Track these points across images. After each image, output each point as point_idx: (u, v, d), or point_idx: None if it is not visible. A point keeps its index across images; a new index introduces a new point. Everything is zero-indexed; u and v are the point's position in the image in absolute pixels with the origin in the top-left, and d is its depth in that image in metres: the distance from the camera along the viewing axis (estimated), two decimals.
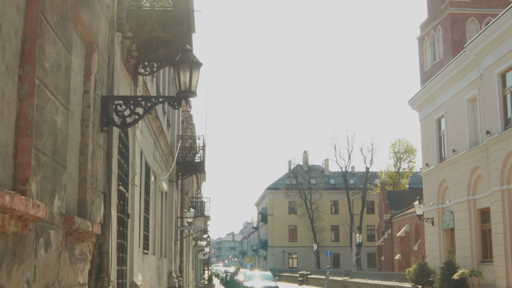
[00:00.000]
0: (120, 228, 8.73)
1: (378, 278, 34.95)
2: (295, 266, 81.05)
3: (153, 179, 15.45)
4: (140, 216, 12.10)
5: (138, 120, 7.18)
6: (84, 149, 6.31)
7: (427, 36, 47.33)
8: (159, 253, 16.86)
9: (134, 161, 10.03)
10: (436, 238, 24.84)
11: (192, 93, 6.91)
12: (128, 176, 9.61)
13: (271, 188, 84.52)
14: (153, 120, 14.09)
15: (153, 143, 14.82)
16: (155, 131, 14.84)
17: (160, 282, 16.70)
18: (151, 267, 14.37)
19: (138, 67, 10.20)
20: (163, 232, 17.95)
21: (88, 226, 5.75)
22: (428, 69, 46.04)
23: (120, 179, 8.82)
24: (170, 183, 19.53)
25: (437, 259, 24.50)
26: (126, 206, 9.39)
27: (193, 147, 21.40)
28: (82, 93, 6.37)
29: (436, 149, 24.97)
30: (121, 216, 8.83)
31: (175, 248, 20.98)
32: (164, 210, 18.43)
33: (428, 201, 25.69)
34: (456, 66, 22.41)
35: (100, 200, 6.90)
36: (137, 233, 10.26)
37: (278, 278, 41.79)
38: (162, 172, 16.94)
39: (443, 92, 24.11)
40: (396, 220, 54.03)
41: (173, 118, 20.28)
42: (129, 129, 9.75)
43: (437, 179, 24.75)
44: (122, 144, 9.12)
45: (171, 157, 18.86)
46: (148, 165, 13.73)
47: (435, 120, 25.21)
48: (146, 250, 13.38)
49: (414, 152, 75.05)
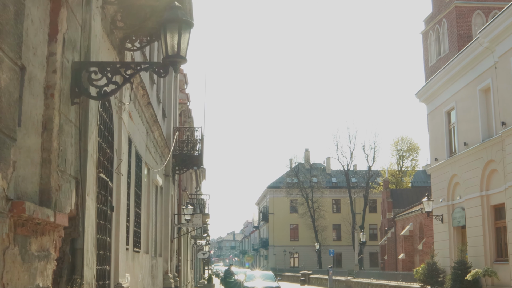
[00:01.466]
0: (101, 222, 7.59)
1: (383, 278, 33.79)
2: (296, 265, 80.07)
3: (146, 172, 14.31)
4: (129, 210, 10.95)
5: (116, 91, 6.03)
6: (48, 123, 5.16)
7: (432, 30, 46.23)
8: (153, 251, 15.71)
9: (120, 147, 8.89)
10: (445, 236, 23.69)
11: (181, 58, 5.77)
12: (113, 164, 8.48)
13: (272, 187, 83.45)
14: (145, 107, 12.94)
15: (145, 132, 13.67)
16: (148, 120, 13.70)
17: (155, 283, 15.56)
18: (144, 266, 13.23)
19: (125, 42, 9.05)
20: (158, 230, 16.80)
21: (48, 215, 4.59)
22: (433, 64, 44.96)
23: (102, 166, 7.68)
24: (166, 177, 18.39)
25: (447, 258, 23.37)
26: (110, 197, 8.26)
27: (191, 140, 20.25)
28: (46, 55, 5.23)
29: (446, 143, 23.80)
30: (102, 208, 7.70)
31: (171, 246, 19.83)
32: (159, 206, 17.29)
33: (437, 198, 24.52)
34: (468, 54, 21.26)
35: (71, 187, 5.76)
36: (124, 229, 9.12)
37: (280, 278, 40.61)
38: (156, 165, 15.80)
39: (454, 83, 22.95)
40: (399, 219, 53.06)
41: (169, 108, 19.13)
42: (113, 111, 8.62)
43: (446, 175, 23.59)
44: (105, 127, 7.99)
45: (167, 149, 17.72)
46: (139, 156, 12.59)
47: (445, 112, 24.05)
48: (137, 248, 12.24)
49: (417, 150, 74.12)
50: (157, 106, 15.91)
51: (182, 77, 26.55)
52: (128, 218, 10.87)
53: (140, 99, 12.19)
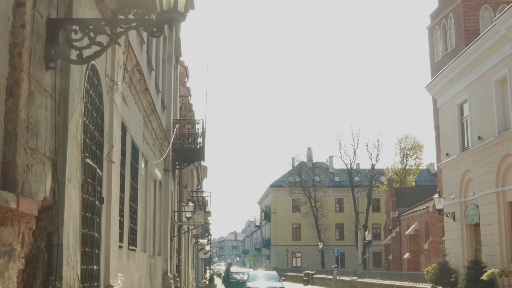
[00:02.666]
0: (87, 214, 6.59)
1: (390, 278, 32.74)
2: (299, 265, 79.12)
3: (144, 165, 13.32)
4: (123, 204, 9.95)
5: (100, 53, 5.03)
6: (14, 89, 4.17)
7: (438, 25, 45.25)
8: (151, 250, 14.72)
9: (111, 132, 7.89)
10: (457, 235, 22.67)
11: (179, 14, 4.77)
12: (103, 150, 7.48)
13: (274, 186, 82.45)
14: (142, 94, 11.95)
15: (142, 121, 12.68)
16: (145, 108, 12.71)
17: (153, 284, 14.56)
18: (140, 266, 12.24)
19: (117, 16, 8.06)
20: (156, 227, 15.81)
21: (7, 200, 3.60)
22: (439, 60, 44.01)
23: (89, 151, 6.69)
24: (166, 172, 17.39)
25: (459, 257, 22.36)
26: (99, 187, 7.26)
27: (192, 134, 19.24)
28: (12, 5, 4.23)
29: (458, 137, 22.77)
30: (89, 199, 6.70)
31: (171, 245, 18.85)
32: (158, 202, 16.30)
33: (448, 195, 23.48)
34: (483, 43, 20.23)
35: (45, 169, 4.76)
36: (116, 224, 8.12)
37: (284, 278, 39.58)
38: (155, 158, 14.80)
39: (467, 74, 21.92)
40: (404, 218, 52.18)
41: (169, 99, 18.12)
42: (104, 90, 7.62)
43: (459, 170, 22.56)
44: (93, 106, 6.99)
45: (166, 142, 16.73)
46: (135, 146, 11.59)
47: (457, 105, 23.02)
48: (133, 246, 11.25)
49: (421, 148, 73.17)
50: (155, 95, 14.92)
51: (183, 69, 25.57)
52: (122, 213, 9.88)
53: (137, 84, 11.20)
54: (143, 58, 12.34)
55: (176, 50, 19.82)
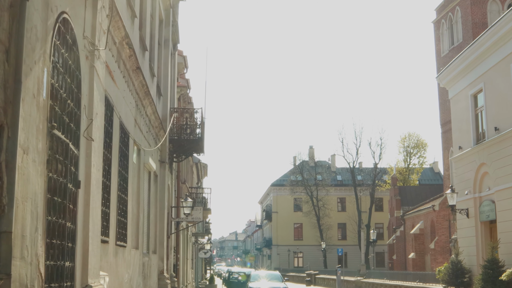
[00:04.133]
0: (56, 199, 5.38)
1: (397, 278, 31.48)
2: (301, 265, 78.00)
3: (136, 154, 12.11)
4: (109, 193, 8.74)
5: None
6: None
7: (444, 19, 44.10)
8: (145, 247, 13.51)
9: (91, 105, 6.68)
10: (471, 232, 21.42)
11: None
12: (79, 125, 6.28)
13: (276, 185, 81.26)
14: (133, 73, 10.72)
15: (134, 104, 11.46)
16: (137, 90, 11.48)
17: (147, 284, 13.34)
18: (132, 264, 11.02)
19: None
20: (151, 222, 14.58)
21: None
22: (445, 54, 42.88)
23: (60, 122, 5.48)
24: (162, 164, 16.16)
25: (473, 256, 21.12)
26: (74, 168, 6.06)
27: (190, 125, 18.01)
28: None
29: (472, 129, 21.52)
30: (59, 180, 5.49)
31: (168, 243, 17.63)
32: (153, 195, 15.08)
33: (461, 190, 22.23)
34: (501, 28, 19.00)
35: None
36: (96, 214, 6.90)
37: (288, 279, 38.33)
38: (149, 146, 13.58)
39: (482, 62, 20.68)
40: (409, 217, 51.08)
41: (166, 87, 16.89)
42: (81, 54, 6.41)
43: (473, 164, 21.31)
44: (66, 70, 5.79)
45: (162, 131, 15.52)
46: (125, 129, 10.36)
47: (471, 95, 21.78)
48: (122, 242, 10.02)
49: (425, 146, 71.92)
50: (149, 79, 13.70)
51: (181, 59, 24.33)
52: (107, 203, 8.66)
53: (126, 60, 9.98)
54: (134, 34, 11.12)
55: (173, 35, 18.61)
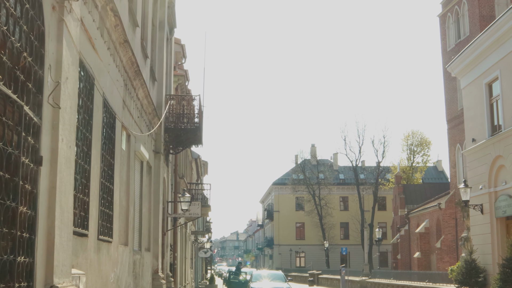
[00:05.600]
0: (3, 174, 4.17)
1: (404, 278, 30.23)
2: (303, 265, 76.85)
3: (125, 139, 10.88)
4: (89, 179, 7.51)
5: None
6: None
7: (450, 12, 42.89)
8: (136, 244, 12.29)
9: (60, 66, 5.46)
10: (486, 229, 20.18)
11: None
12: (42, 88, 5.07)
13: (277, 183, 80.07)
14: (120, 47, 9.49)
15: (122, 84, 10.24)
16: (125, 67, 10.26)
17: (139, 284, 12.12)
18: (119, 262, 9.79)
19: None
20: (144, 217, 13.35)
21: None
22: (451, 48, 41.67)
23: (7, 76, 4.28)
24: (156, 154, 14.93)
25: (488, 255, 19.89)
26: (33, 140, 4.85)
27: (187, 114, 16.77)
28: None
29: (487, 120, 20.27)
30: (9, 151, 4.28)
31: (164, 240, 16.41)
32: (147, 188, 13.85)
33: (475, 185, 20.99)
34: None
35: None
36: (67, 200, 5.68)
37: (291, 279, 37.05)
38: (141, 133, 12.35)
39: (498, 48, 19.44)
40: (413, 215, 49.94)
41: (161, 72, 15.64)
42: (45, 2, 5.20)
43: (488, 157, 20.07)
44: (22, 15, 4.58)
45: (157, 119, 14.29)
46: (110, 109, 9.13)
47: (485, 84, 20.54)
48: (107, 237, 8.79)
49: (428, 144, 70.66)
50: (141, 58, 12.47)
51: (179, 48, 23.13)
52: (86, 190, 7.44)
53: (112, 30, 8.75)
54: (122, 4, 9.89)
55: (169, 18, 17.38)
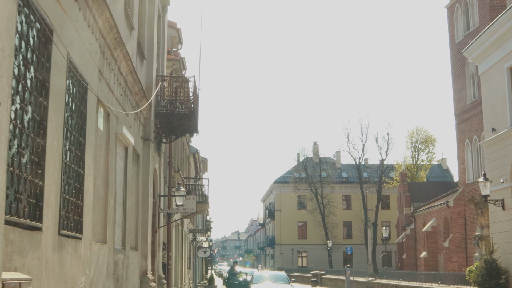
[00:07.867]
0: None
1: (414, 279, 28.58)
2: (305, 265, 75.33)
3: (103, 119, 9.23)
4: (44, 158, 5.86)
5: None
6: None
7: (459, 3, 41.22)
8: (119, 242, 10.63)
9: None
10: (508, 227, 18.58)
11: None
12: None
13: (279, 182, 78.51)
14: (93, 3, 7.84)
15: (99, 51, 8.58)
16: (102, 31, 8.60)
17: (123, 287, 10.48)
18: (93, 263, 8.14)
19: None
20: (129, 212, 11.68)
21: None
22: (460, 40, 40.06)
23: None
24: (145, 142, 13.29)
25: (510, 254, 18.29)
26: None
27: (180, 99, 15.11)
28: None
29: (509, 108, 18.66)
30: None
31: (155, 238, 14.79)
32: (133, 178, 12.21)
33: (495, 178, 19.38)
34: None
35: None
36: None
37: (295, 280, 35.41)
38: (124, 114, 10.70)
39: None
40: (419, 214, 48.40)
41: (151, 49, 14.00)
42: None
43: (510, 147, 18.46)
44: None
45: (145, 100, 12.64)
46: (80, 77, 7.47)
47: (506, 69, 18.93)
48: (74, 232, 7.14)
49: (433, 142, 69.07)
50: (125, 27, 10.80)
51: (175, 32, 21.47)
52: (39, 170, 5.79)
53: None
54: None
55: None
